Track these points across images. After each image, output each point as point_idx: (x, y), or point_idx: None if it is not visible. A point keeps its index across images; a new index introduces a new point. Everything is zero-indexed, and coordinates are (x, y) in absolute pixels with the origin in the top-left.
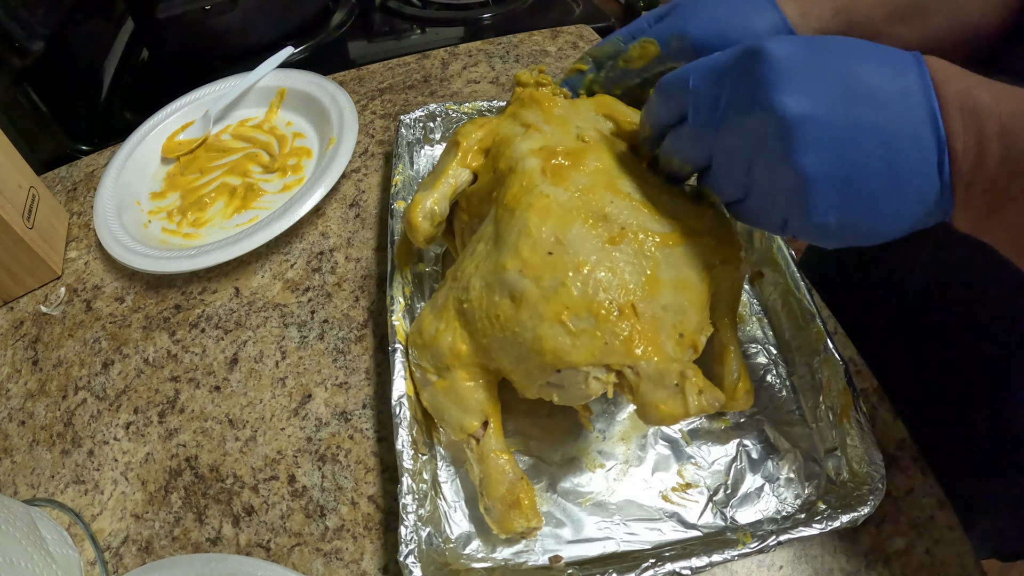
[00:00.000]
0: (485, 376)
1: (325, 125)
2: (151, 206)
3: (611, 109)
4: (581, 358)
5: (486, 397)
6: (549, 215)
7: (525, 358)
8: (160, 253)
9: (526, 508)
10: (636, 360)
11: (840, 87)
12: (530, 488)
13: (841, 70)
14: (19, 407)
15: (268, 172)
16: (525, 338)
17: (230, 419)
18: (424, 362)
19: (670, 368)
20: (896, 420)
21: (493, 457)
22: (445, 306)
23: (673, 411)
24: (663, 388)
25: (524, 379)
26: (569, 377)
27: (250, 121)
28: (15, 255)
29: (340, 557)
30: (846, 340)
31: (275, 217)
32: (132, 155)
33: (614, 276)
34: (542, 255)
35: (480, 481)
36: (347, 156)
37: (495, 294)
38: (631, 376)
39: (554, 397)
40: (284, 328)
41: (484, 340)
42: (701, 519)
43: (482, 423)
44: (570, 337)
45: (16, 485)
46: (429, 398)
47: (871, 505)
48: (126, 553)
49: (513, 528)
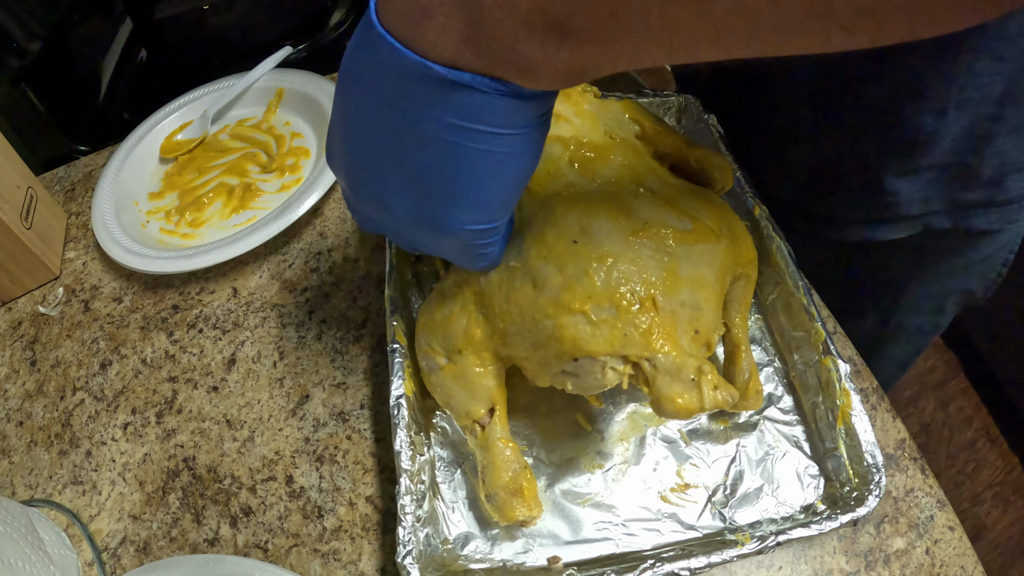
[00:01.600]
0: (495, 363)
1: (323, 125)
2: (149, 206)
3: (639, 114)
4: (600, 348)
5: (495, 384)
6: (575, 204)
7: (543, 345)
8: (158, 253)
9: (528, 497)
10: (654, 353)
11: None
12: (532, 477)
13: None
14: (17, 407)
15: (266, 172)
16: (545, 325)
17: (228, 420)
18: (435, 344)
19: (687, 362)
20: (896, 420)
21: (498, 445)
22: (460, 289)
23: (689, 404)
24: (680, 382)
25: (539, 366)
26: (586, 366)
27: (248, 121)
28: (13, 255)
29: (338, 558)
30: (845, 340)
31: (273, 217)
32: (130, 155)
33: (636, 269)
34: (567, 243)
35: (483, 468)
36: None
37: (516, 279)
38: (648, 368)
39: (568, 386)
40: (282, 328)
41: (501, 324)
42: (700, 520)
43: (488, 410)
44: (591, 327)
45: (14, 486)
46: (436, 382)
47: (870, 505)
48: (124, 554)
49: (514, 517)
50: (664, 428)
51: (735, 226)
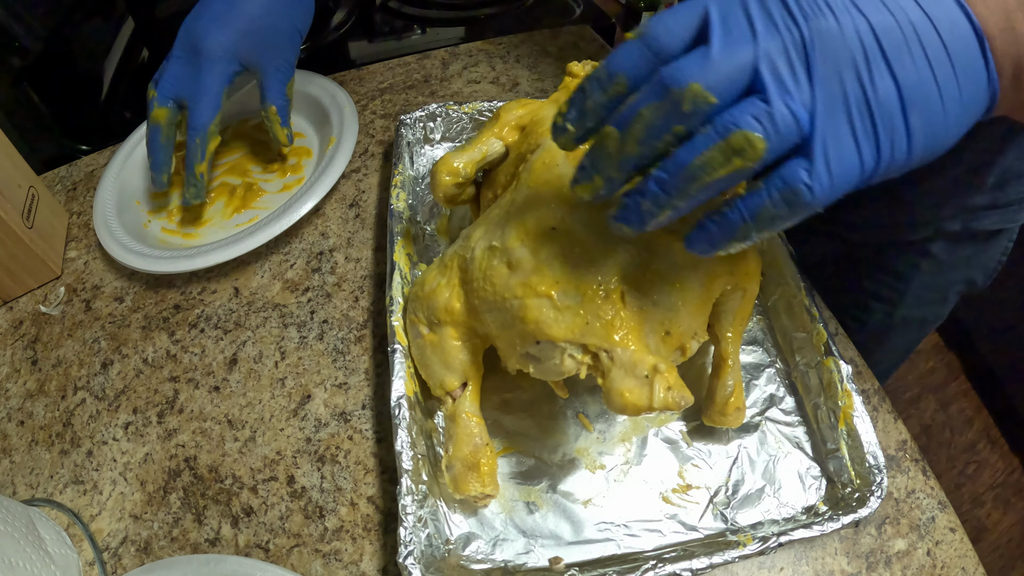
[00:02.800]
0: (473, 339)
1: (325, 125)
2: (151, 206)
3: None
4: (560, 333)
5: (470, 360)
6: (562, 194)
7: (510, 324)
8: (160, 253)
9: (484, 474)
10: (612, 345)
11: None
12: (493, 456)
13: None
14: (18, 407)
15: (268, 172)
16: (512, 304)
17: (229, 419)
18: (420, 313)
19: (644, 359)
20: (897, 421)
21: (464, 418)
22: (450, 263)
23: (637, 401)
24: (632, 377)
25: (507, 346)
26: (547, 350)
27: (250, 121)
28: (14, 255)
29: (339, 558)
30: (847, 341)
31: (275, 217)
32: (132, 154)
33: (610, 260)
34: (545, 228)
35: (448, 439)
36: (347, 156)
37: (494, 258)
38: (605, 360)
39: (530, 369)
40: (283, 328)
41: (476, 300)
42: (701, 520)
43: (461, 384)
44: (554, 311)
45: (15, 485)
46: (417, 351)
47: (872, 507)
48: (125, 553)
49: (467, 490)
50: (666, 429)
51: None
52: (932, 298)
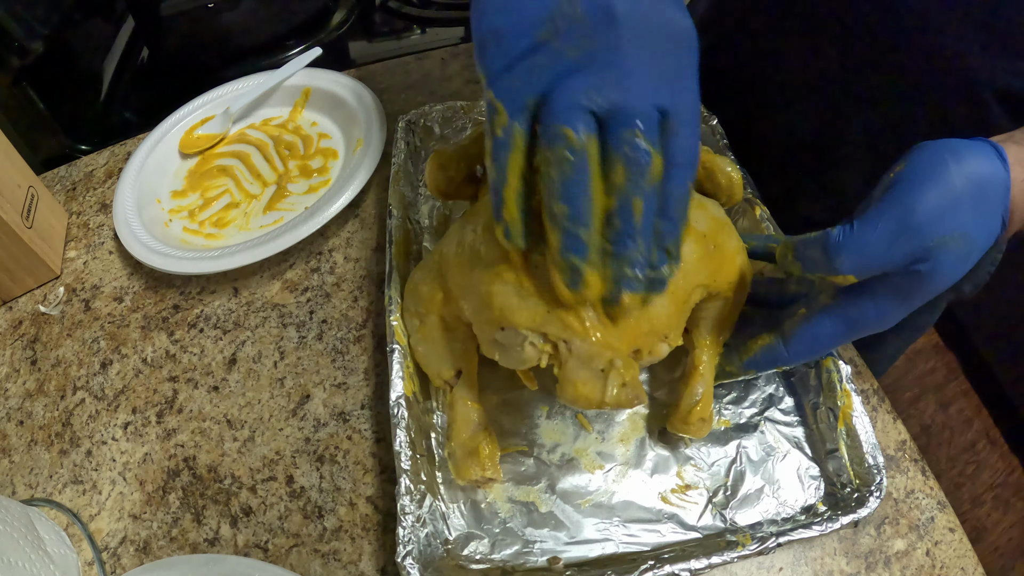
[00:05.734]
0: (461, 327)
1: (351, 126)
2: (172, 204)
3: None
4: (523, 320)
5: (461, 349)
6: None
7: (480, 310)
8: (182, 253)
9: (484, 458)
10: (572, 336)
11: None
12: (493, 441)
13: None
14: (17, 407)
15: (293, 173)
16: (480, 290)
17: (228, 419)
18: (411, 307)
19: (602, 353)
20: (896, 421)
21: (461, 403)
22: (434, 255)
23: (588, 394)
24: (587, 369)
25: (480, 331)
26: (510, 337)
27: (274, 120)
28: (14, 255)
29: (338, 558)
30: None
31: (303, 219)
32: (153, 151)
33: None
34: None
35: (448, 426)
36: (376, 158)
37: (467, 244)
38: (564, 351)
39: (497, 356)
40: (283, 328)
41: (451, 286)
42: (700, 521)
43: (455, 372)
44: (518, 298)
45: (14, 485)
46: (414, 344)
47: (871, 507)
48: (124, 553)
49: (469, 475)
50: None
51: (725, 242)
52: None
